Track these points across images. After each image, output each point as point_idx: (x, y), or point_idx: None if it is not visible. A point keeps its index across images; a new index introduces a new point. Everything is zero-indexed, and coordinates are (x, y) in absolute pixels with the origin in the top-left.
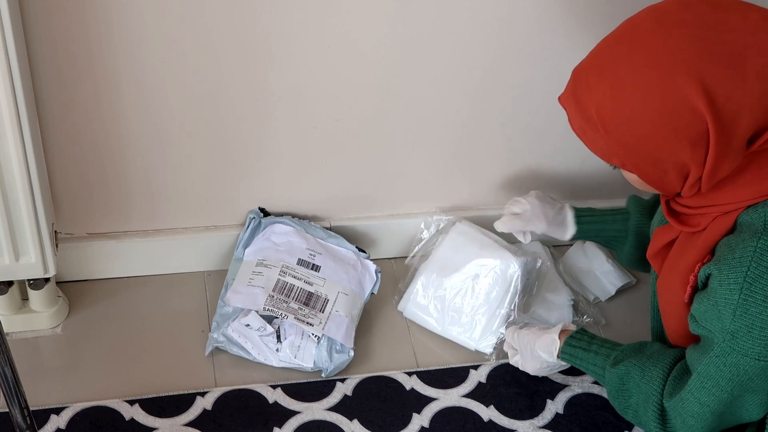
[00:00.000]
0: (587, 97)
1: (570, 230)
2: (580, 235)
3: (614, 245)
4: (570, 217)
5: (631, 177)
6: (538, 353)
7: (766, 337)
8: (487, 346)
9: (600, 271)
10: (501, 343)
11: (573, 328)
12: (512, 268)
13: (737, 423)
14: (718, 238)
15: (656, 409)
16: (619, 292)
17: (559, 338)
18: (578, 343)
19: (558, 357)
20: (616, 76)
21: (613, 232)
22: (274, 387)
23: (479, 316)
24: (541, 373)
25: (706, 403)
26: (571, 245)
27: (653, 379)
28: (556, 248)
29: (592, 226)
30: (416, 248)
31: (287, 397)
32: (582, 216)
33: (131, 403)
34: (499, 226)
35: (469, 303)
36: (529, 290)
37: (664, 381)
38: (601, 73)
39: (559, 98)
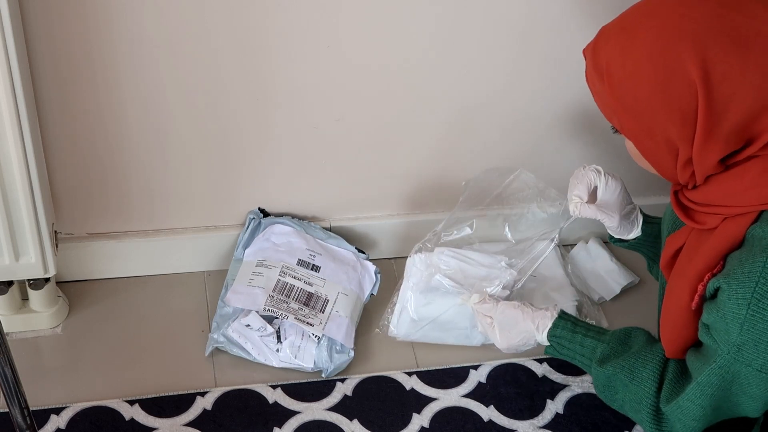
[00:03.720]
0: (603, 48)
1: (636, 230)
2: (642, 238)
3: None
4: (640, 216)
5: (631, 147)
6: (528, 329)
7: None
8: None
9: (604, 270)
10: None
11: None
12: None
13: (733, 416)
14: (727, 246)
15: (651, 411)
16: (624, 292)
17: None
18: (562, 331)
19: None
20: (632, 33)
21: None
22: (274, 387)
23: (472, 328)
24: (509, 350)
25: (707, 405)
26: (574, 245)
27: (644, 382)
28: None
29: (654, 227)
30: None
31: (287, 397)
32: (647, 216)
33: (131, 403)
34: (578, 211)
35: (463, 313)
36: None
37: (657, 384)
38: (621, 29)
39: (583, 50)
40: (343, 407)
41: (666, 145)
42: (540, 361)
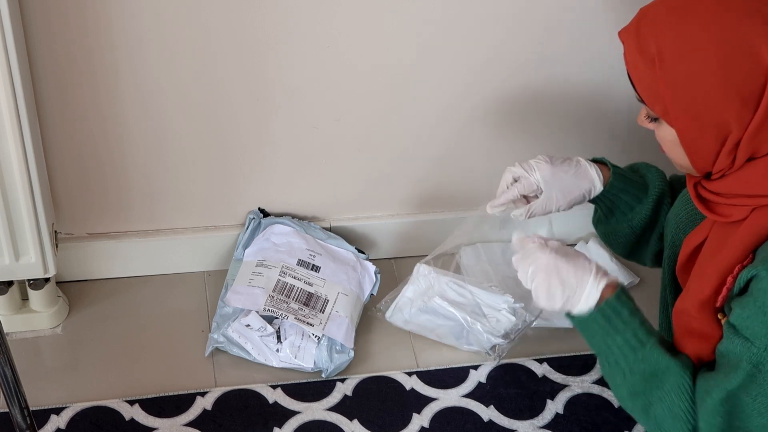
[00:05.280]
0: (650, 30)
1: (598, 183)
2: (607, 193)
3: (621, 213)
4: (593, 167)
5: (665, 136)
6: (575, 286)
7: None
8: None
9: None
10: (493, 347)
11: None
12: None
13: None
14: (757, 239)
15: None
16: None
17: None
18: (628, 301)
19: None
20: (687, 11)
21: (632, 195)
22: (274, 387)
23: (476, 328)
24: (549, 307)
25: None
26: (574, 245)
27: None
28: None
29: (622, 182)
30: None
31: (287, 397)
32: (617, 167)
33: (131, 403)
34: (517, 216)
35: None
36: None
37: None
38: (671, 8)
39: (620, 33)
40: (343, 407)
41: (715, 129)
42: (540, 361)
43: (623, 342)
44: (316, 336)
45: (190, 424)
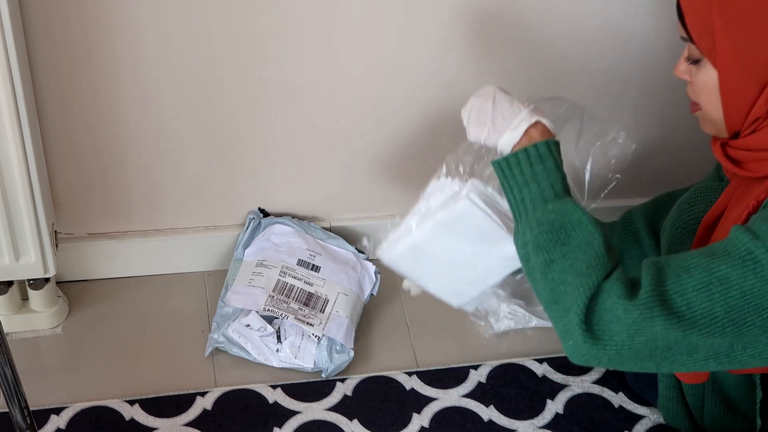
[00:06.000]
0: None
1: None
2: None
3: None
4: None
5: (704, 80)
6: (500, 123)
7: None
8: (469, 305)
9: None
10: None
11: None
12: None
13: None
14: None
15: (591, 289)
16: None
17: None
18: (556, 156)
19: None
20: None
21: None
22: (274, 387)
23: (470, 285)
24: (475, 135)
25: (694, 305)
26: None
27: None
28: None
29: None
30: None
31: (287, 397)
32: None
33: (131, 403)
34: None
35: (462, 270)
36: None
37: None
38: None
39: None
40: (343, 407)
41: (758, 69)
42: (540, 361)
43: (538, 191)
44: (316, 336)
45: (190, 424)
